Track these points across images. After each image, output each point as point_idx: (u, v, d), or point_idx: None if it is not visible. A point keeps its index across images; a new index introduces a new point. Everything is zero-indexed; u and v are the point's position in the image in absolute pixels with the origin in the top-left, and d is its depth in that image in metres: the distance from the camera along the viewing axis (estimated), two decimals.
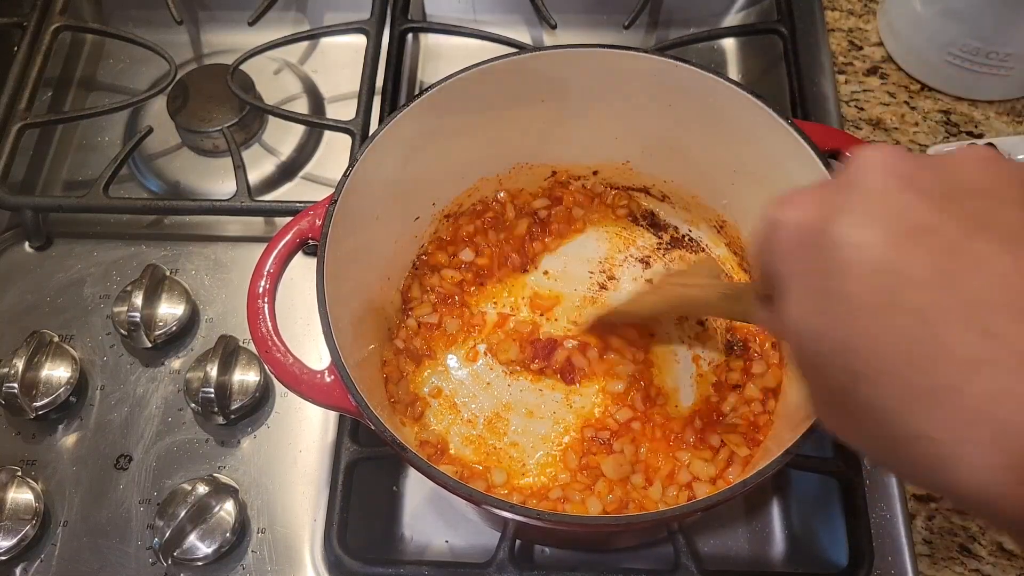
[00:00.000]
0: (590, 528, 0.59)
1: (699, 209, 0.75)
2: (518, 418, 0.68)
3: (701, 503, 0.52)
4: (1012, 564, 0.65)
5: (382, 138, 0.63)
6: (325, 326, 0.55)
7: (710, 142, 0.69)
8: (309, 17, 0.98)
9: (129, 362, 0.75)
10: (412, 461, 0.52)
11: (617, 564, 0.69)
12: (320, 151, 0.90)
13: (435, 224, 0.75)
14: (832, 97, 0.87)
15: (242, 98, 0.85)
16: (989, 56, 0.82)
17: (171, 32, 0.95)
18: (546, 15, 0.91)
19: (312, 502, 0.69)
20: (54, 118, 0.88)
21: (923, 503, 0.68)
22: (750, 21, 0.97)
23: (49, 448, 0.71)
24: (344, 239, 0.60)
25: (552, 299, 0.73)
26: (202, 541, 0.65)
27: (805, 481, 0.71)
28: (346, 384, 0.54)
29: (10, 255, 0.81)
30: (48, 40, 0.89)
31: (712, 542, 0.70)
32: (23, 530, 0.66)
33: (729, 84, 0.64)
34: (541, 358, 0.70)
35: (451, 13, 0.98)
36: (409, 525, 0.71)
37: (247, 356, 0.72)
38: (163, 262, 0.79)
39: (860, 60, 0.91)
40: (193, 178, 0.87)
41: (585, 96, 0.69)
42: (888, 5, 0.90)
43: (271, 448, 0.71)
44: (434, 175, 0.71)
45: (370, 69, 0.86)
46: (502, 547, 0.62)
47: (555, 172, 0.77)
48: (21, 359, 0.70)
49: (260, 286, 0.57)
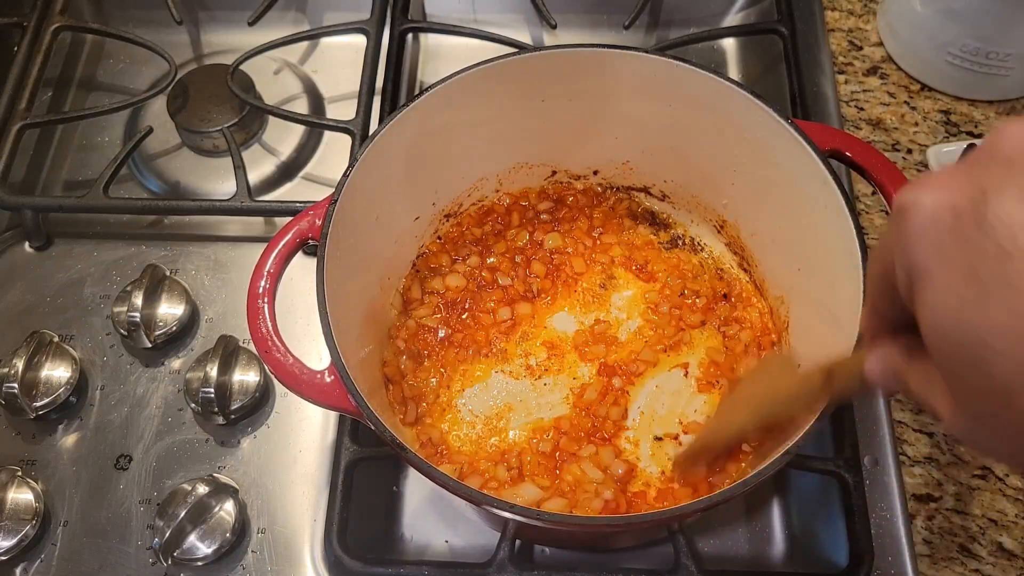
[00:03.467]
0: (590, 528, 0.59)
1: (699, 209, 0.75)
2: (518, 419, 0.68)
3: (701, 503, 0.52)
4: (1012, 564, 0.65)
5: (382, 138, 0.63)
6: (325, 326, 0.55)
7: (710, 142, 0.69)
8: (309, 17, 0.98)
9: (129, 362, 0.75)
10: (412, 461, 0.52)
11: (617, 564, 0.69)
12: (320, 151, 0.90)
13: (435, 224, 0.75)
14: (832, 97, 0.87)
15: (242, 98, 0.85)
16: (989, 56, 0.82)
17: (171, 32, 0.95)
18: (546, 15, 0.91)
19: (312, 502, 0.69)
20: (54, 118, 0.88)
21: (923, 503, 0.68)
22: (750, 21, 0.97)
23: (49, 448, 0.71)
24: (344, 239, 0.60)
25: (551, 299, 0.73)
26: (202, 541, 0.65)
27: (805, 481, 0.71)
28: (346, 384, 0.54)
29: (10, 255, 0.81)
30: (48, 40, 0.89)
31: (712, 542, 0.70)
32: (23, 530, 0.66)
33: (729, 84, 0.64)
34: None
35: (451, 13, 0.98)
36: (409, 525, 0.71)
37: (247, 356, 0.72)
38: (163, 262, 0.79)
39: (860, 60, 0.91)
40: (193, 178, 0.87)
41: (585, 96, 0.69)
42: (888, 5, 0.90)
43: (271, 448, 0.71)
44: (434, 175, 0.71)
45: (370, 69, 0.85)
46: (502, 547, 0.62)
47: (555, 172, 0.77)
48: (21, 359, 0.70)
49: (260, 286, 0.57)
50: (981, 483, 0.69)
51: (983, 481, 0.69)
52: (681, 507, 0.56)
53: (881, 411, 0.70)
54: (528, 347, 0.71)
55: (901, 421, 0.71)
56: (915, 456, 0.70)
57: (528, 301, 0.73)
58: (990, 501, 0.68)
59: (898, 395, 0.70)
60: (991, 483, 0.68)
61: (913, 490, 0.68)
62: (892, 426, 0.70)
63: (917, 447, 0.70)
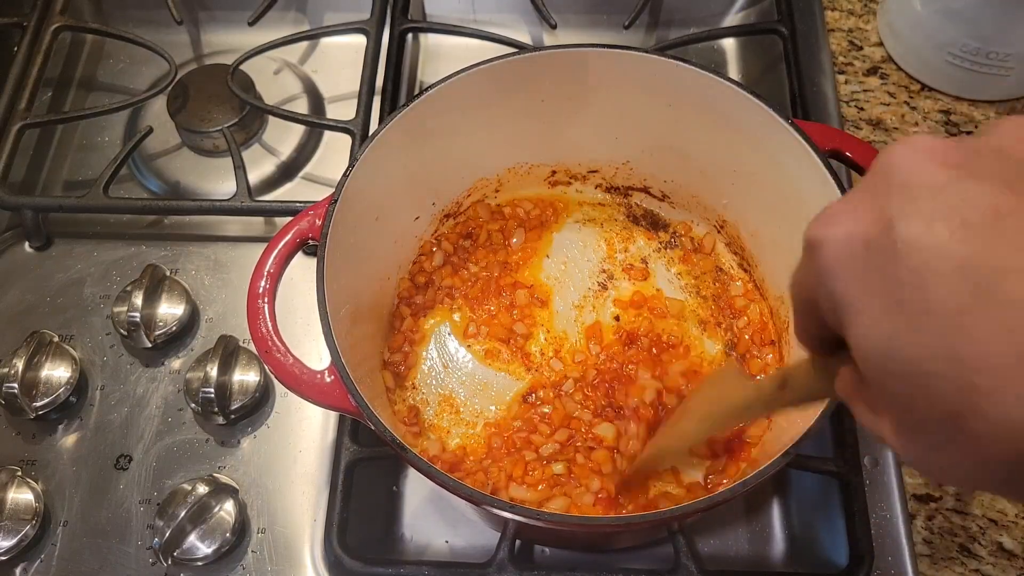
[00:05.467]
0: (590, 528, 0.59)
1: (699, 209, 0.75)
2: (517, 419, 0.68)
3: (701, 503, 0.52)
4: (1012, 564, 0.65)
5: (382, 138, 0.63)
6: (325, 326, 0.55)
7: (710, 142, 0.69)
8: (309, 17, 0.98)
9: (129, 362, 0.75)
10: (412, 461, 0.52)
11: (617, 564, 0.69)
12: (320, 151, 0.90)
13: (435, 224, 0.75)
14: (832, 97, 0.87)
15: (242, 98, 0.85)
16: (989, 56, 0.82)
17: (171, 32, 0.95)
18: (546, 15, 0.91)
19: (312, 502, 0.69)
20: (54, 118, 0.88)
21: (923, 503, 0.68)
22: (750, 21, 0.97)
23: (49, 448, 0.71)
24: (344, 239, 0.60)
25: (550, 299, 0.73)
26: (202, 541, 0.65)
27: (805, 481, 0.71)
28: (346, 384, 0.54)
29: (10, 255, 0.81)
30: (48, 40, 0.89)
31: (712, 542, 0.70)
32: (23, 530, 0.66)
33: (729, 84, 0.64)
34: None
35: (451, 13, 0.98)
36: (409, 525, 0.71)
37: (247, 356, 0.72)
38: (163, 262, 0.79)
39: (860, 60, 0.91)
40: (193, 178, 0.87)
41: (585, 96, 0.69)
42: (888, 5, 0.90)
43: (271, 448, 0.71)
44: (434, 175, 0.71)
45: (370, 69, 0.85)
46: (502, 547, 0.62)
47: (555, 172, 0.77)
48: (21, 359, 0.70)
49: (260, 286, 0.57)
50: None
51: None
52: (681, 507, 0.56)
53: None
54: (528, 347, 0.71)
55: None
56: None
57: (529, 303, 0.73)
58: (990, 501, 0.68)
59: None
60: None
61: (913, 490, 0.68)
62: None
63: None
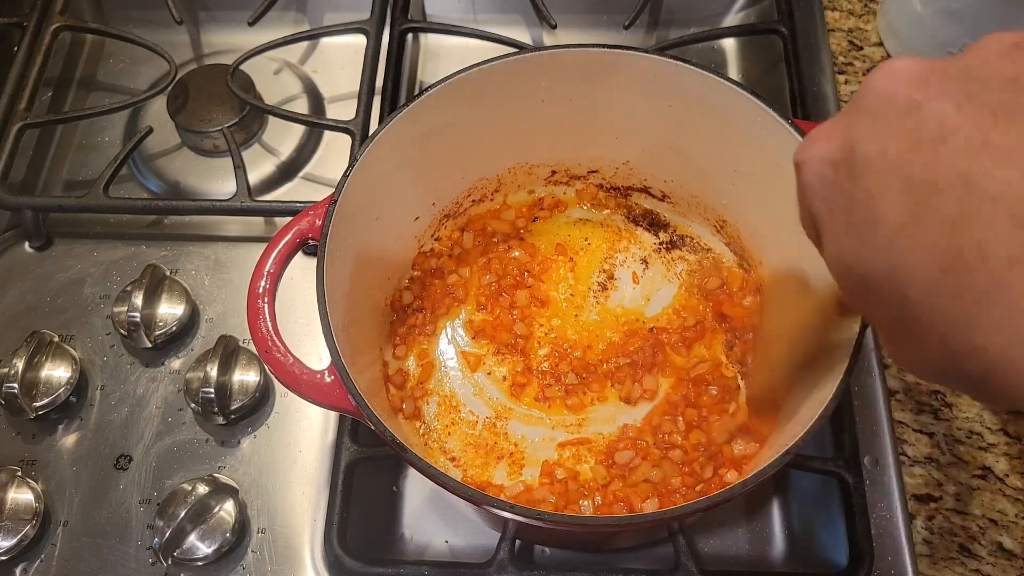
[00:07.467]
0: (590, 528, 0.59)
1: (699, 209, 0.75)
2: (517, 421, 0.68)
3: (701, 503, 0.52)
4: (1012, 564, 0.66)
5: (382, 138, 0.63)
6: (325, 326, 0.55)
7: (710, 142, 0.69)
8: (309, 17, 0.98)
9: (129, 362, 0.75)
10: (412, 461, 0.52)
11: (617, 564, 0.69)
12: (320, 151, 0.90)
13: (435, 224, 0.75)
14: (832, 97, 0.87)
15: (242, 98, 0.85)
16: None
17: (171, 32, 0.95)
18: (546, 15, 0.91)
19: (312, 502, 0.69)
20: (54, 118, 0.88)
21: (923, 503, 0.68)
22: (750, 21, 0.97)
23: (49, 448, 0.71)
24: (344, 239, 0.60)
25: (550, 299, 0.73)
26: (202, 541, 0.65)
27: (805, 481, 0.71)
28: (346, 384, 0.54)
29: (10, 255, 0.81)
30: (48, 40, 0.89)
31: (712, 542, 0.70)
32: (23, 530, 0.66)
33: (729, 84, 0.64)
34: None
35: (451, 13, 0.98)
36: (409, 525, 0.71)
37: (247, 356, 0.72)
38: (163, 262, 0.79)
39: (860, 60, 0.91)
40: (193, 178, 0.87)
41: (585, 96, 0.69)
42: (888, 5, 0.90)
43: (271, 448, 0.71)
44: (434, 175, 0.71)
45: (370, 69, 0.86)
46: (502, 547, 0.62)
47: (555, 172, 0.77)
48: (21, 359, 0.70)
49: (260, 286, 0.57)
50: (981, 483, 0.69)
51: (983, 481, 0.69)
52: (681, 507, 0.56)
53: (881, 411, 0.70)
54: (528, 347, 0.71)
55: (901, 421, 0.71)
56: (915, 456, 0.70)
57: (529, 303, 0.73)
58: (990, 501, 0.68)
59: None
60: (991, 483, 0.69)
61: (913, 490, 0.68)
62: (892, 426, 0.70)
63: (917, 447, 0.70)
